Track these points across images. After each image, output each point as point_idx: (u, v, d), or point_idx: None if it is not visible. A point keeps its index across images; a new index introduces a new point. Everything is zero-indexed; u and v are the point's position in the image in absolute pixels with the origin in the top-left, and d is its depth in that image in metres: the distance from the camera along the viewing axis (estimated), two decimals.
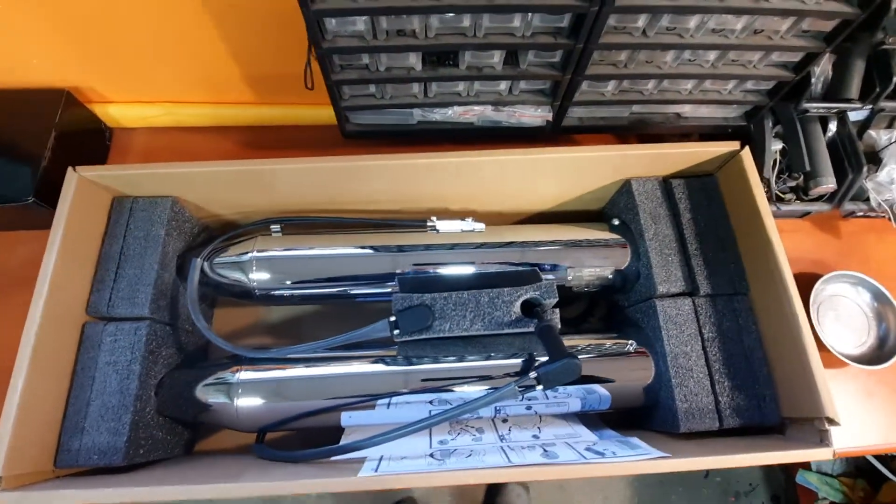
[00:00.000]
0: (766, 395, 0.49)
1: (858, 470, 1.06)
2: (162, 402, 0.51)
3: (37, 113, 0.64)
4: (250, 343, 0.64)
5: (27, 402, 0.42)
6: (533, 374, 0.42)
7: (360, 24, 0.45)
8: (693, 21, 0.47)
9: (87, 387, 0.47)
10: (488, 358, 0.51)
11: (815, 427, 0.45)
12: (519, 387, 0.42)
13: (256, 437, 0.53)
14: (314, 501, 1.27)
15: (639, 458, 0.42)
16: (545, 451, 0.46)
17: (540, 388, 0.42)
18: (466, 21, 0.46)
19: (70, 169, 0.50)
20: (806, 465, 1.12)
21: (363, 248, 0.57)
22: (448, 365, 0.52)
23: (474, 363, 0.52)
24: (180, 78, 0.69)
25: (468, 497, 1.28)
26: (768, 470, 1.35)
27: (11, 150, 0.63)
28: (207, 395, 0.50)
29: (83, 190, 0.50)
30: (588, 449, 0.45)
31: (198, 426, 0.57)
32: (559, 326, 0.50)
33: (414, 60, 0.50)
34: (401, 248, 0.57)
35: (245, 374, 0.51)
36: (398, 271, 0.56)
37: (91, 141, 0.71)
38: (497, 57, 0.50)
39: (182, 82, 0.70)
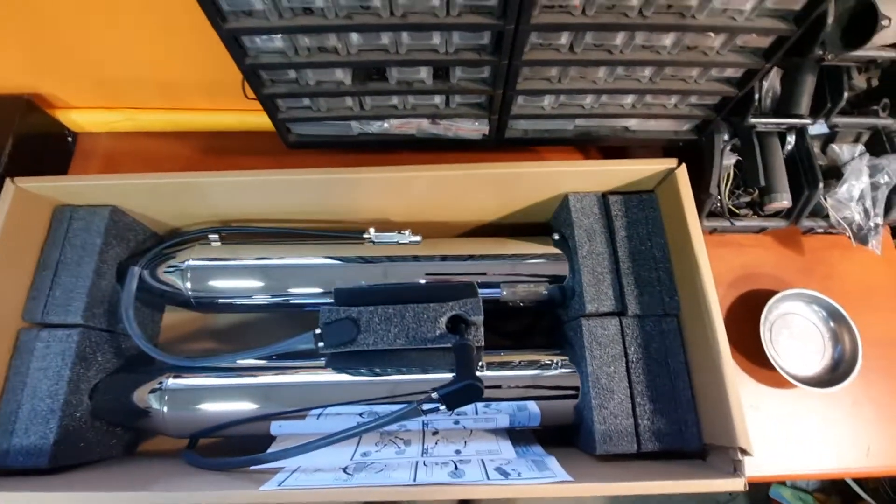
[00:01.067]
0: (688, 419, 0.48)
1: (833, 486, 1.04)
2: (96, 407, 0.52)
3: None
4: (196, 348, 0.65)
5: None
6: (435, 395, 0.42)
7: (279, 41, 0.45)
8: (619, 38, 0.46)
9: (19, 391, 0.49)
10: (409, 373, 0.52)
11: (729, 456, 0.44)
12: (421, 408, 0.42)
13: (188, 442, 0.54)
14: None
15: (541, 481, 0.42)
16: (456, 468, 0.46)
17: (443, 408, 0.42)
18: (386, 39, 0.46)
19: (8, 180, 0.51)
20: (780, 480, 1.10)
21: (301, 258, 0.57)
22: (371, 378, 0.53)
23: (397, 377, 0.53)
24: (140, 85, 0.70)
25: None
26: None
27: None
28: (138, 400, 0.52)
29: (21, 200, 0.52)
30: (497, 469, 0.46)
31: (135, 430, 0.59)
32: (480, 344, 0.50)
33: (342, 75, 0.51)
34: (338, 259, 0.57)
35: (174, 382, 0.52)
36: (335, 282, 0.56)
37: (53, 146, 0.73)
38: (424, 73, 0.50)
39: (142, 89, 0.71)
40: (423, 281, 0.57)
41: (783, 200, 0.62)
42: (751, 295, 0.69)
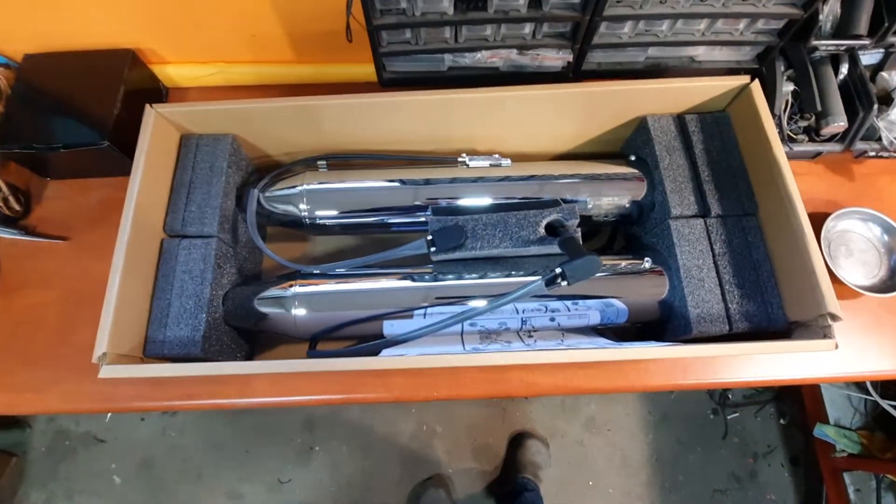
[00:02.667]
0: (773, 302, 0.53)
1: (876, 422, 1.08)
2: (228, 313, 0.58)
3: (107, 71, 0.72)
4: None
5: (121, 300, 0.49)
6: (558, 270, 0.47)
7: None
8: None
9: (168, 291, 0.54)
10: (515, 276, 0.57)
11: (819, 327, 0.49)
12: (545, 282, 0.47)
13: (309, 343, 0.59)
14: (345, 455, 1.35)
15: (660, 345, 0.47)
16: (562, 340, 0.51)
17: (564, 283, 0.47)
18: None
19: (147, 105, 0.57)
20: (824, 419, 1.14)
21: (400, 181, 0.63)
22: (479, 281, 0.58)
23: (503, 279, 0.58)
24: (229, 38, 0.76)
25: (491, 452, 1.34)
26: (787, 431, 1.37)
27: (87, 102, 0.70)
28: (267, 306, 0.57)
29: (158, 125, 0.57)
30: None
31: (257, 338, 0.64)
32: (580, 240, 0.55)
33: (447, 4, 0.56)
34: (434, 181, 0.62)
35: (299, 288, 0.57)
36: (431, 201, 0.62)
37: (150, 99, 0.78)
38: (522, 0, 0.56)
39: (230, 42, 0.76)
40: (514, 199, 0.62)
41: (839, 122, 0.67)
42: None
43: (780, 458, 1.36)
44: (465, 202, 0.62)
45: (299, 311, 0.56)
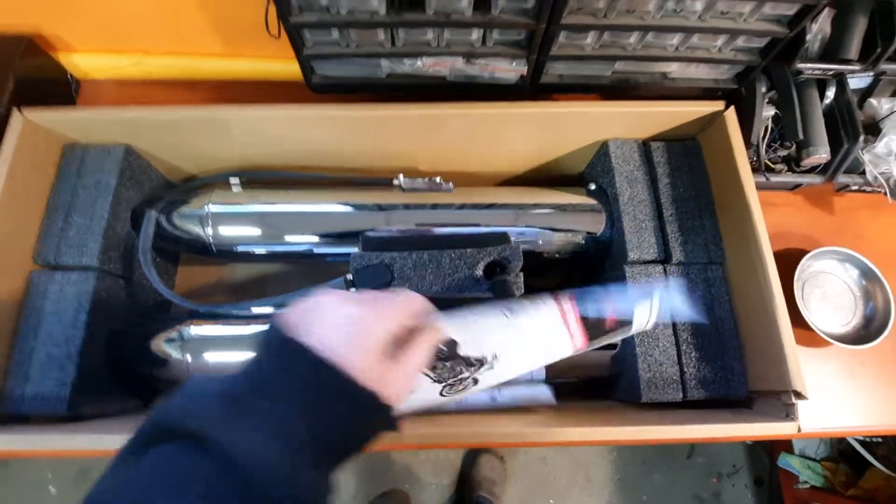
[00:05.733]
0: (735, 367, 0.47)
1: (841, 454, 1.05)
2: (113, 356, 0.50)
3: None
4: (213, 301, 0.63)
5: None
6: None
7: None
8: None
9: (32, 336, 0.46)
10: None
11: (781, 401, 0.43)
12: None
13: None
14: None
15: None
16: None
17: None
18: None
19: (14, 110, 0.48)
20: (789, 448, 1.11)
21: (326, 204, 0.55)
22: None
23: None
24: (147, 25, 0.66)
25: (450, 467, 1.29)
26: (752, 452, 1.35)
27: None
28: (157, 349, 0.49)
29: (30, 133, 0.48)
30: None
31: (153, 381, 0.56)
32: (521, 293, 0.48)
33: (377, 3, 0.47)
34: (365, 206, 0.55)
35: (196, 330, 0.49)
36: (362, 230, 0.54)
37: (55, 91, 0.69)
38: (465, 1, 0.47)
39: (149, 30, 0.67)
40: (454, 230, 0.55)
41: (822, 153, 0.61)
42: (782, 254, 0.67)
43: (745, 479, 1.33)
44: (397, 233, 0.54)
45: (193, 357, 0.49)
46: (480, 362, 0.34)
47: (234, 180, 0.55)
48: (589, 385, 0.56)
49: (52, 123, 0.50)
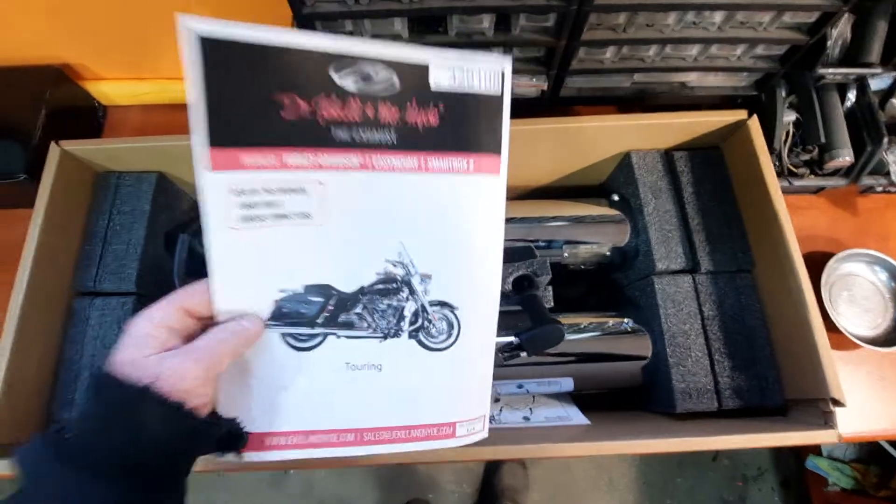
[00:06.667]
0: (769, 376, 0.47)
1: (871, 455, 1.03)
2: None
3: (27, 90, 0.64)
4: None
5: (13, 375, 0.42)
6: (514, 339, 0.40)
7: None
8: None
9: (76, 361, 0.47)
10: None
11: (818, 409, 0.43)
12: (502, 353, 0.41)
13: None
14: (321, 479, 1.29)
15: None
16: (530, 410, 0.45)
17: (523, 354, 0.41)
18: None
19: (53, 143, 0.49)
20: (816, 451, 1.09)
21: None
22: None
23: None
24: (170, 53, 0.68)
25: (472, 475, 1.29)
26: (778, 454, 1.33)
27: (3, 128, 0.62)
28: None
29: (67, 164, 0.50)
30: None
31: None
32: (550, 304, 0.48)
33: (400, 27, 0.48)
34: None
35: None
36: None
37: (84, 119, 0.71)
38: (487, 22, 0.48)
39: (172, 57, 0.69)
40: None
41: (845, 157, 0.60)
42: (807, 257, 0.67)
43: (771, 482, 1.31)
44: None
45: None
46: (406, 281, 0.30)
47: None
48: (617, 395, 0.56)
49: (87, 154, 0.51)
